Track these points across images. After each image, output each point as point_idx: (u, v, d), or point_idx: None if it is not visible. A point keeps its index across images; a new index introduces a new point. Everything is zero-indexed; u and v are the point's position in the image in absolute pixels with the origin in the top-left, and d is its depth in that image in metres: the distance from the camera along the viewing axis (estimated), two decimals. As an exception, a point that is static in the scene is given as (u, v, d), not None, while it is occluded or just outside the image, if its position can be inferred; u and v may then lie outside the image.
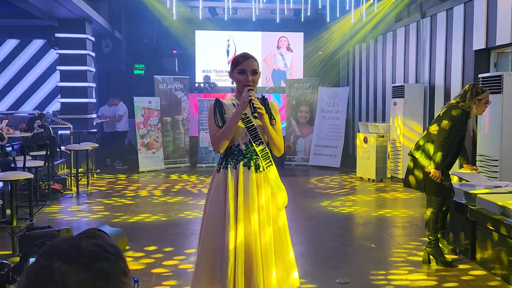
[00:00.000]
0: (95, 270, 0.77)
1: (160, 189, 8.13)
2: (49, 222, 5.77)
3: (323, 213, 6.38)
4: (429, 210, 4.28)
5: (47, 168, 7.09)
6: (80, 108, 9.93)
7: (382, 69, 10.64)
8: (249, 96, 2.68)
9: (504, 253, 3.86)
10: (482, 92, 4.20)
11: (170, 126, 10.59)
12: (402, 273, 4.12)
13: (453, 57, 7.77)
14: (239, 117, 2.74)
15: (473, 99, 4.16)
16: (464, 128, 4.20)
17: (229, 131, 2.74)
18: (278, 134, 2.88)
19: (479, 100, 4.19)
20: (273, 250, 2.75)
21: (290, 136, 10.92)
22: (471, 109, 4.17)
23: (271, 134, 2.78)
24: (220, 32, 12.93)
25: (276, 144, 2.81)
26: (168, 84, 10.65)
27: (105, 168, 10.18)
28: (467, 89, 4.24)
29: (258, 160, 2.80)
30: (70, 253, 0.77)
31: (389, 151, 8.95)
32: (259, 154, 2.79)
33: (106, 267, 0.78)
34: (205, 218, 2.84)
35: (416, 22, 9.05)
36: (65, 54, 9.91)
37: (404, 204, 7.03)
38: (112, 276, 0.78)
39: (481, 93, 4.19)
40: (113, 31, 11.65)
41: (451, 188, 4.32)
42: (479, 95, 4.19)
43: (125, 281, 0.79)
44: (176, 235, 5.34)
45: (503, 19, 6.40)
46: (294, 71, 13.18)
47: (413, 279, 3.99)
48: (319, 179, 9.08)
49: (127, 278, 0.81)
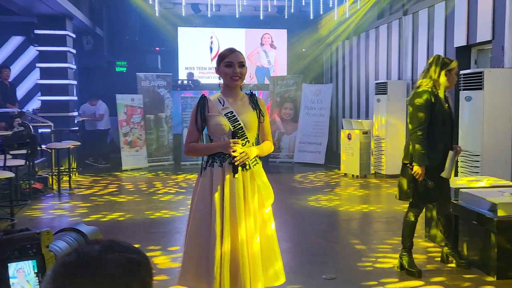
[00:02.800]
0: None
1: (144, 187, 8.06)
2: (31, 222, 5.69)
3: (308, 210, 6.40)
4: (408, 217, 3.97)
5: (28, 167, 6.97)
6: (61, 106, 9.78)
7: (365, 66, 10.70)
8: (232, 151, 2.62)
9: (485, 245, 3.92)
10: (450, 61, 3.78)
11: (153, 124, 10.51)
12: (388, 267, 4.15)
13: (435, 53, 7.82)
14: (216, 150, 2.74)
15: (442, 70, 3.72)
16: (438, 107, 3.73)
17: (202, 154, 2.82)
18: (266, 130, 2.87)
19: (449, 71, 3.75)
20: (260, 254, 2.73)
21: (275, 133, 10.92)
22: (440, 83, 3.73)
23: (264, 153, 2.83)
24: (203, 29, 12.87)
25: (267, 153, 2.88)
26: (151, 82, 10.55)
27: (87, 167, 10.06)
28: (431, 61, 3.79)
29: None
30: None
31: (373, 147, 9.02)
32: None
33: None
34: (191, 216, 2.82)
35: (398, 19, 9.13)
36: (45, 51, 9.74)
37: (388, 200, 7.09)
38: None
39: (449, 63, 3.76)
40: (94, 27, 11.49)
41: (438, 193, 3.87)
42: (448, 65, 3.75)
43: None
44: (161, 233, 5.29)
45: (484, 16, 6.48)
46: (278, 68, 13.18)
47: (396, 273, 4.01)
48: (304, 176, 9.11)
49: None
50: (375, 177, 8.81)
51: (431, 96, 3.73)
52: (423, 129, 3.73)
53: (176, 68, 12.81)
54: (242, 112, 2.76)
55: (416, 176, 3.77)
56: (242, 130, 2.74)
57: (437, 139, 3.80)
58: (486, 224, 3.88)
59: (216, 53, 12.46)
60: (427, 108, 3.72)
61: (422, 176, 3.74)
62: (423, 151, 3.71)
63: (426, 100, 3.72)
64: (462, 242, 4.24)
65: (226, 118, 2.73)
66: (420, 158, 3.72)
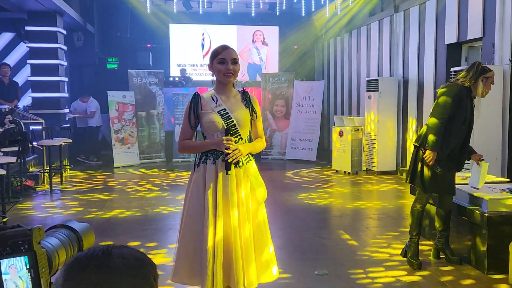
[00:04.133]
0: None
1: (136, 184, 8.05)
2: (23, 219, 5.66)
3: (300, 206, 6.43)
4: (415, 206, 4.05)
5: (19, 164, 6.93)
6: (52, 103, 9.71)
7: (356, 63, 10.74)
8: (226, 149, 2.65)
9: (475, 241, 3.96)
10: (489, 70, 3.87)
11: (145, 121, 10.48)
12: (379, 262, 4.19)
13: (426, 51, 7.90)
14: (209, 147, 2.74)
15: (480, 76, 3.82)
16: (465, 105, 3.83)
17: (196, 151, 2.81)
18: (258, 127, 2.88)
19: (486, 79, 3.84)
20: (253, 245, 2.76)
21: (267, 130, 10.94)
22: (476, 87, 3.84)
23: (256, 151, 2.86)
24: (195, 25, 12.83)
25: (259, 150, 2.91)
26: (143, 78, 10.52)
27: (78, 164, 10.01)
28: (472, 65, 3.90)
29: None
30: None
31: (364, 144, 9.07)
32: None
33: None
34: (184, 212, 2.83)
35: (390, 16, 9.17)
36: (36, 48, 9.66)
37: (379, 196, 7.14)
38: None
39: (488, 71, 3.85)
40: (85, 24, 11.42)
41: (444, 184, 3.95)
42: (486, 72, 3.85)
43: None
44: (153, 230, 5.30)
45: (475, 13, 6.53)
46: (270, 65, 13.19)
47: (389, 268, 4.05)
48: (296, 173, 9.14)
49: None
50: (367, 174, 8.86)
51: (462, 93, 3.83)
52: (444, 119, 3.82)
53: (168, 65, 12.77)
54: (235, 109, 2.77)
55: (426, 160, 3.87)
56: (235, 128, 2.76)
57: (453, 135, 3.88)
58: (476, 219, 3.93)
59: (208, 50, 12.46)
60: (454, 102, 3.82)
61: (432, 160, 3.84)
62: (439, 138, 3.82)
63: (456, 95, 3.83)
64: (452, 238, 4.28)
65: (219, 115, 2.74)
66: (434, 143, 3.82)
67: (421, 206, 4.05)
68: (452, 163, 3.97)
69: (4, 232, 1.11)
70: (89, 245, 1.34)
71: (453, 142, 3.90)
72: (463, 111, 3.85)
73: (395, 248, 4.55)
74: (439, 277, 3.87)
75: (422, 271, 3.98)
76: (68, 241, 1.27)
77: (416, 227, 4.05)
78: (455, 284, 3.74)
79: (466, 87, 3.85)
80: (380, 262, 4.22)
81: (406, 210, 6.16)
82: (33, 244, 1.09)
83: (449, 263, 4.10)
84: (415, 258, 4.03)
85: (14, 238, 1.08)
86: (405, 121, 8.60)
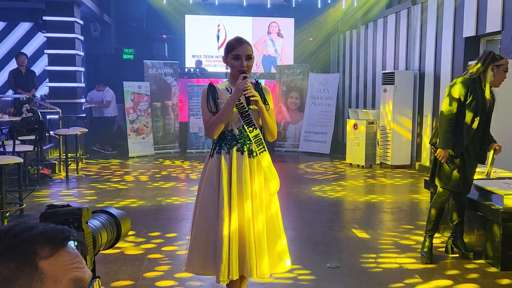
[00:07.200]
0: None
1: (150, 174, 8.12)
2: (39, 207, 5.76)
3: (313, 199, 6.43)
4: (434, 205, 4.05)
5: (36, 153, 7.03)
6: (68, 93, 9.83)
7: (372, 56, 10.65)
8: (244, 84, 2.66)
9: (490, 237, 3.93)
10: (500, 58, 3.78)
11: (160, 112, 10.54)
12: (392, 256, 4.18)
13: (443, 44, 7.80)
14: (233, 104, 2.72)
15: (490, 64, 3.73)
16: (474, 97, 3.74)
17: (223, 118, 2.73)
18: (272, 119, 2.89)
19: (498, 67, 3.75)
20: (266, 236, 2.78)
21: (280, 122, 10.94)
22: (485, 76, 3.74)
23: (266, 119, 2.78)
24: (211, 16, 12.82)
25: (270, 129, 2.82)
26: (158, 69, 10.56)
27: (94, 153, 10.13)
28: (481, 55, 3.83)
29: (251, 145, 2.80)
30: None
31: (379, 137, 9.02)
32: (252, 140, 2.80)
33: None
34: (198, 203, 2.85)
35: (407, 8, 9.06)
36: (53, 38, 9.76)
37: (393, 190, 7.11)
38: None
39: (499, 59, 3.76)
40: (102, 14, 11.49)
41: (462, 181, 3.89)
42: (498, 61, 3.75)
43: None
44: (166, 220, 5.35)
45: (494, 6, 6.43)
46: (285, 57, 13.14)
47: (402, 262, 4.05)
48: (309, 165, 9.13)
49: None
50: (381, 168, 8.81)
51: (468, 85, 3.78)
52: (452, 114, 3.80)
53: (183, 56, 12.80)
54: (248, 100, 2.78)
55: (438, 158, 3.88)
56: (250, 117, 2.78)
57: (466, 128, 3.82)
58: (491, 215, 3.90)
59: (223, 42, 12.44)
60: (460, 97, 3.78)
61: (444, 158, 3.84)
62: (447, 135, 3.81)
63: (462, 88, 3.79)
64: (467, 233, 4.26)
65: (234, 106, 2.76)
66: (443, 141, 3.82)
67: (440, 204, 4.03)
68: (473, 156, 3.90)
69: (57, 210, 1.16)
70: (126, 230, 1.41)
71: (468, 135, 3.83)
72: (474, 103, 3.77)
73: (409, 240, 4.53)
74: (451, 271, 3.85)
75: (434, 264, 3.96)
76: (109, 224, 1.34)
77: (434, 224, 4.05)
78: (469, 279, 3.71)
79: (474, 78, 3.79)
80: (392, 256, 4.22)
81: (420, 205, 6.13)
82: (82, 223, 1.15)
83: (463, 258, 4.08)
84: (427, 253, 4.03)
85: (66, 216, 1.14)
86: (421, 114, 8.52)
